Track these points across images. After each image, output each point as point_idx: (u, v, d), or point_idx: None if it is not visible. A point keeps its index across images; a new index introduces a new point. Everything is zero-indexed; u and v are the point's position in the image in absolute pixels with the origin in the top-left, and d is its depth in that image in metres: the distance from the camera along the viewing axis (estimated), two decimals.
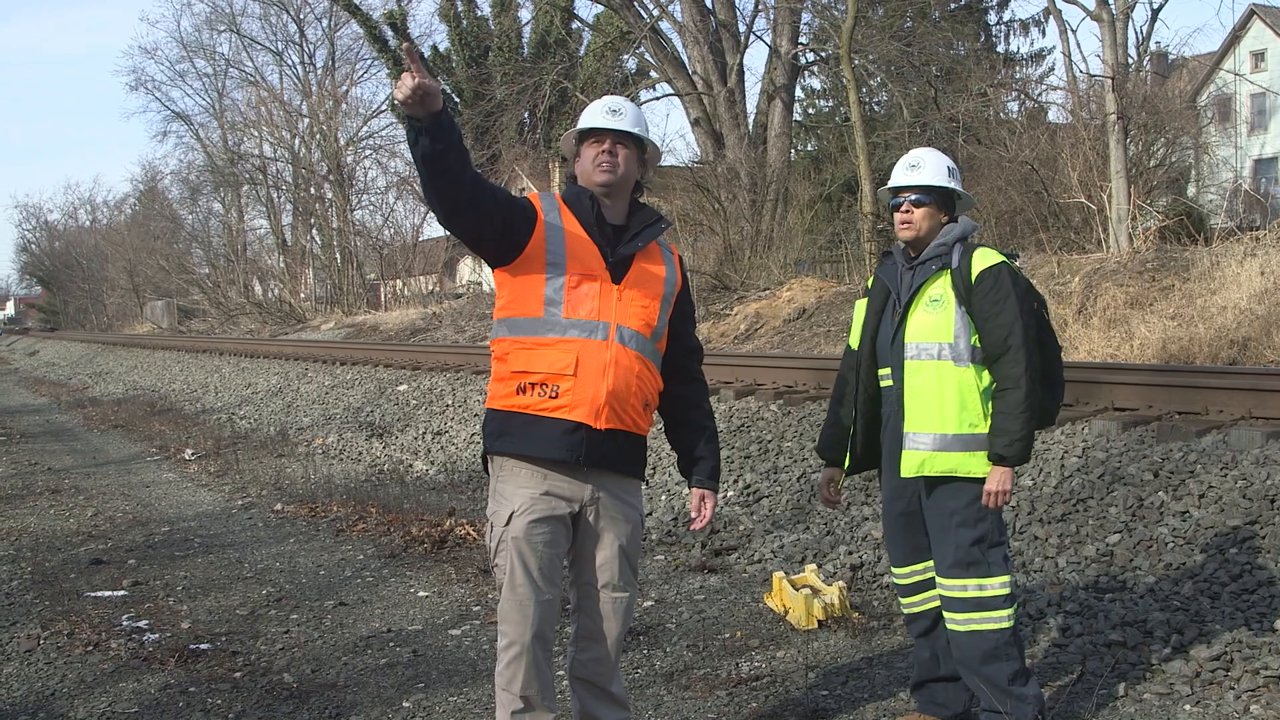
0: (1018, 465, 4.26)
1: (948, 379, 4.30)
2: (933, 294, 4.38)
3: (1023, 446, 4.20)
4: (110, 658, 5.94)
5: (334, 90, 55.52)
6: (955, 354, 4.30)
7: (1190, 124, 26.15)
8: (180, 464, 13.23)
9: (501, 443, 3.89)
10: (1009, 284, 4.28)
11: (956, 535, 4.32)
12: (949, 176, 4.50)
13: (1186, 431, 7.38)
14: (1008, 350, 4.23)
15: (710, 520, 4.17)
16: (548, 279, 3.84)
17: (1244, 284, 13.37)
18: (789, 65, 29.40)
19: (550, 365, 3.80)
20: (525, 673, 3.85)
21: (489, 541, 3.92)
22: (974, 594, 4.29)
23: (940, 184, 4.47)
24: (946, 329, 4.32)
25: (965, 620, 4.30)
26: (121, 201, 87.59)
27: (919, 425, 4.34)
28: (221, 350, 28.66)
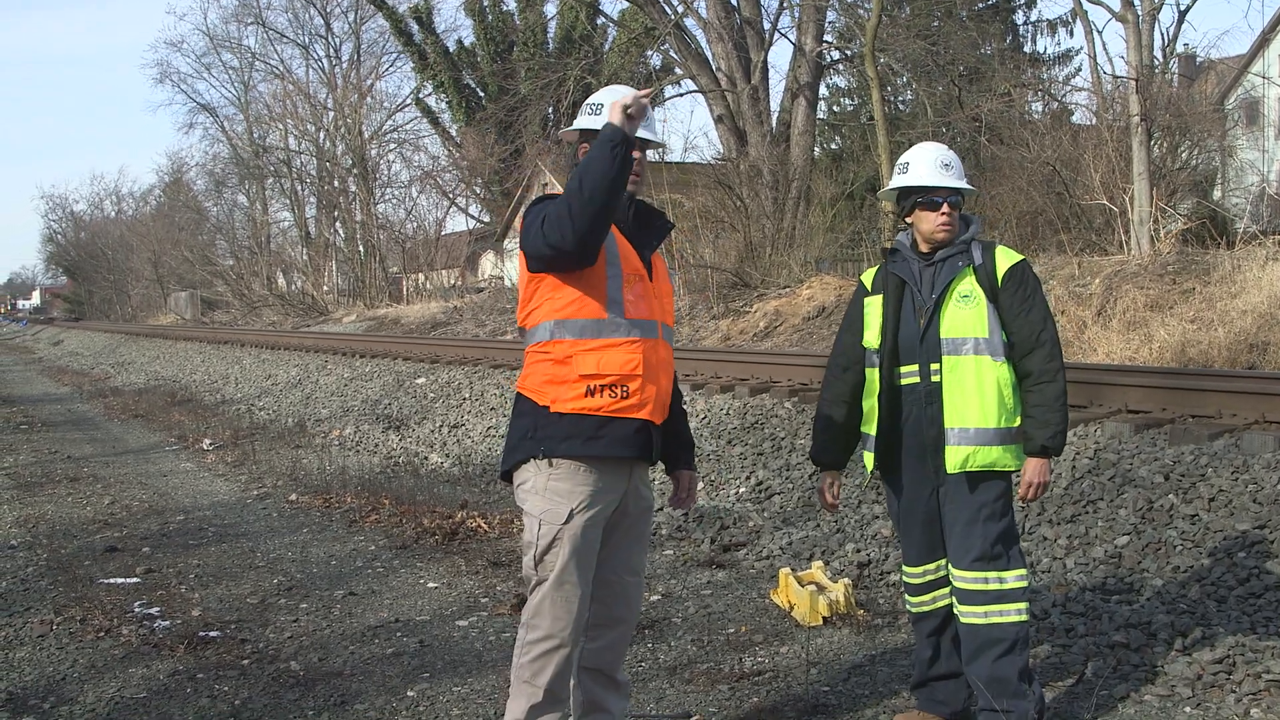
0: (1058, 456, 4.41)
1: (987, 373, 4.34)
2: (963, 290, 4.42)
3: (1064, 438, 4.34)
4: (121, 643, 6.01)
5: (359, 84, 55.74)
6: (992, 349, 4.36)
7: (1216, 127, 26.00)
8: (198, 454, 13.32)
9: (569, 445, 3.86)
10: (1034, 280, 4.43)
11: (984, 529, 4.35)
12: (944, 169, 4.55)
13: (1198, 435, 7.36)
14: (1042, 345, 4.35)
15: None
16: (609, 279, 3.88)
17: (1265, 288, 13.30)
18: (813, 63, 29.34)
19: (621, 367, 3.85)
20: (557, 667, 3.91)
21: (535, 539, 3.90)
22: (995, 587, 4.32)
23: (970, 188, 4.57)
24: (981, 324, 4.37)
25: (985, 613, 4.32)
26: (147, 193, 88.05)
27: (962, 420, 4.36)
28: (243, 342, 28.81)
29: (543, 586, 3.89)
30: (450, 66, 48.33)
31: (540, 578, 3.90)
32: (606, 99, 4.00)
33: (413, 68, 51.02)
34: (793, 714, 4.81)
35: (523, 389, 3.99)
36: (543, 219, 3.71)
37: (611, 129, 3.64)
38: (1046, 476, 4.37)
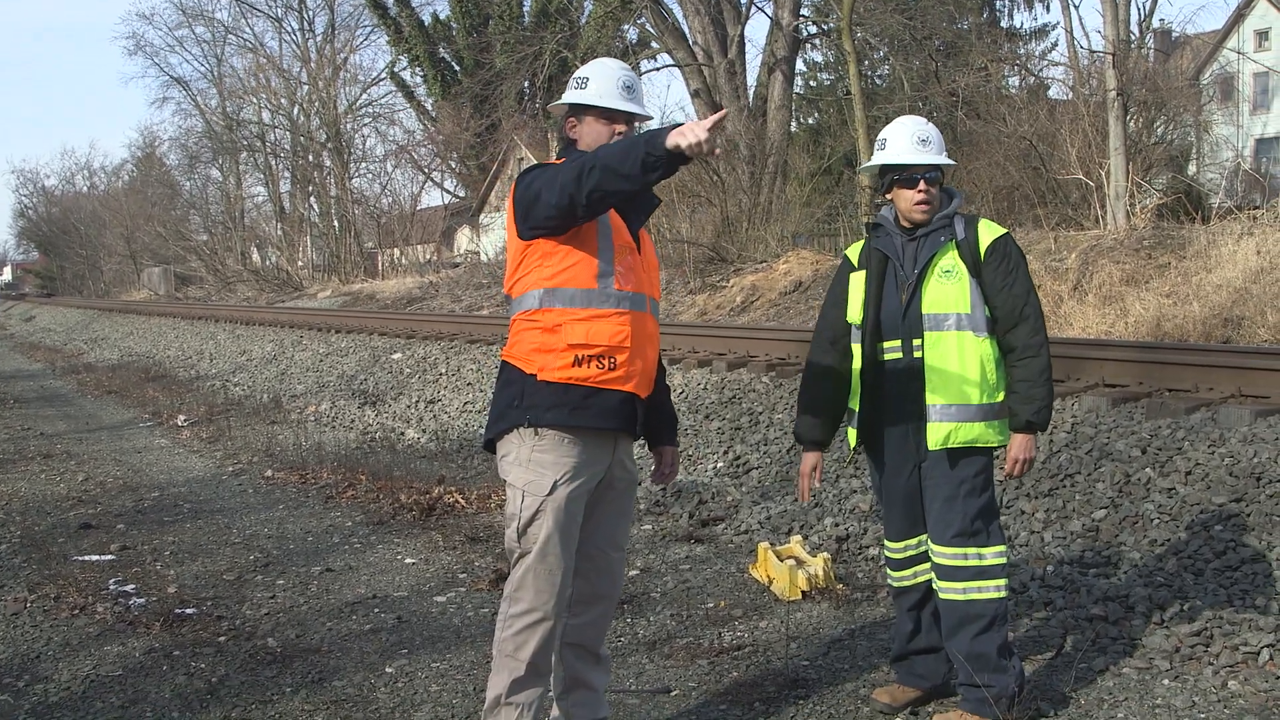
0: (1044, 431, 4.39)
1: (969, 350, 4.31)
2: (944, 265, 4.37)
3: (1049, 413, 4.33)
4: (96, 621, 5.96)
5: (333, 57, 55.30)
6: (974, 324, 4.32)
7: (1191, 102, 26.06)
8: (173, 430, 13.24)
9: (554, 414, 3.82)
10: (1017, 254, 4.39)
11: (965, 504, 4.31)
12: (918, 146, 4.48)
13: (1175, 409, 7.38)
14: (1026, 319, 4.30)
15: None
16: (600, 250, 3.85)
17: (1240, 263, 13.35)
18: (790, 37, 29.29)
19: (609, 338, 3.81)
20: (541, 641, 3.88)
21: (518, 510, 3.87)
22: (974, 563, 4.29)
23: (949, 162, 4.50)
24: (963, 299, 4.32)
25: (964, 589, 4.30)
26: (119, 168, 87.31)
27: (944, 397, 4.33)
28: (217, 317, 28.65)
29: (526, 559, 3.87)
30: (425, 40, 48.04)
31: (523, 550, 3.87)
32: (594, 73, 3.98)
33: (387, 41, 50.73)
34: (773, 688, 4.81)
35: (509, 357, 3.95)
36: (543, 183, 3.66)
37: (662, 148, 3.39)
38: (1032, 452, 4.36)
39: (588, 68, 4.05)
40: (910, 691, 4.60)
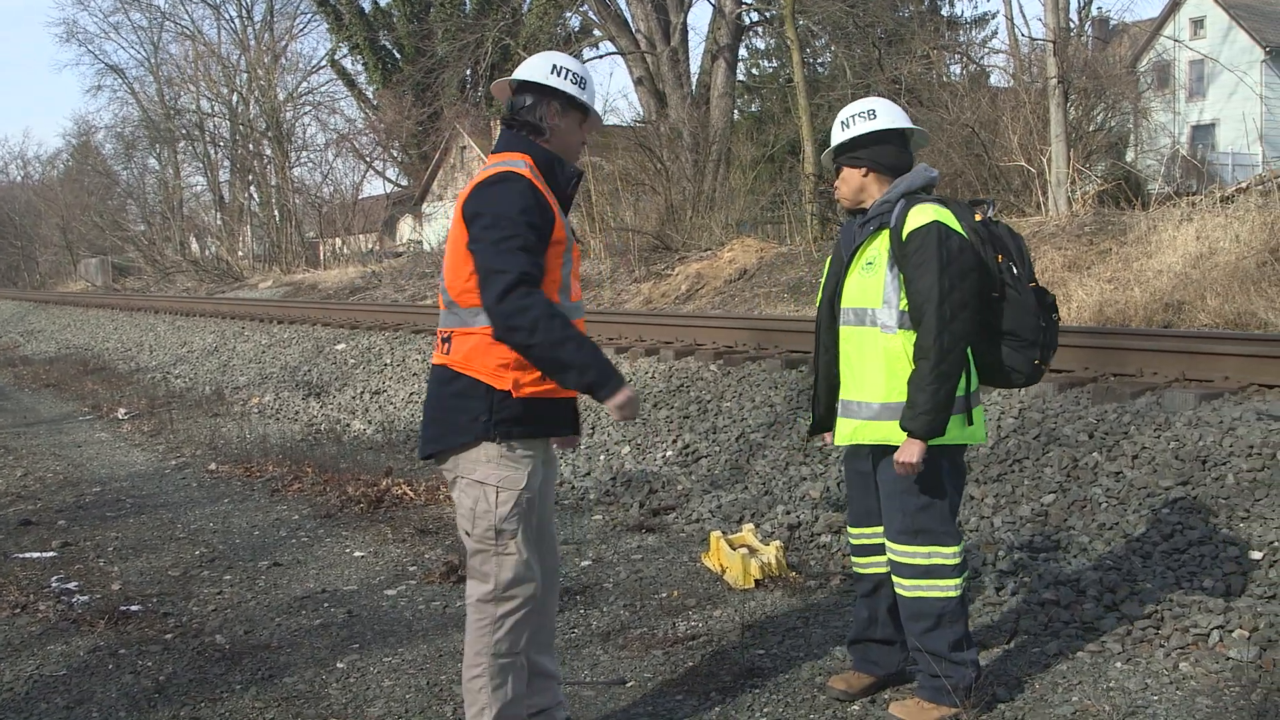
0: (928, 439, 4.06)
1: (873, 346, 4.22)
2: (869, 256, 4.27)
3: (929, 420, 4.03)
4: (38, 620, 5.86)
5: (273, 45, 54.70)
6: (883, 320, 4.20)
7: (1130, 89, 26.32)
8: (113, 423, 13.05)
9: (526, 427, 3.82)
10: (934, 246, 4.06)
11: (902, 503, 4.24)
12: (859, 122, 4.33)
13: (1121, 393, 7.44)
14: (922, 318, 4.07)
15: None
16: (564, 265, 3.85)
17: (1180, 248, 13.50)
18: (733, 25, 29.31)
19: None
20: (530, 630, 3.94)
21: (492, 506, 3.81)
22: (921, 562, 4.22)
23: (854, 135, 4.31)
24: (876, 294, 4.21)
25: (913, 586, 4.25)
26: (54, 157, 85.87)
27: (851, 393, 4.30)
28: (157, 309, 28.28)
29: (510, 556, 3.83)
30: (366, 27, 47.63)
31: (500, 546, 3.83)
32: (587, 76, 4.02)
33: (327, 29, 50.21)
34: (728, 678, 4.79)
35: (470, 370, 3.80)
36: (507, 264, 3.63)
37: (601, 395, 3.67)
38: (914, 458, 4.08)
39: (576, 64, 4.03)
40: (865, 678, 4.60)
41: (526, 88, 3.99)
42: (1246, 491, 5.87)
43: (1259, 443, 6.23)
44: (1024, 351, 4.16)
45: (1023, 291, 4.13)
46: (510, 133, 4.01)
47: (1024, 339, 4.14)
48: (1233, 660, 4.59)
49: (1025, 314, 4.13)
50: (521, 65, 4.06)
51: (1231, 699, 4.33)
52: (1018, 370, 4.21)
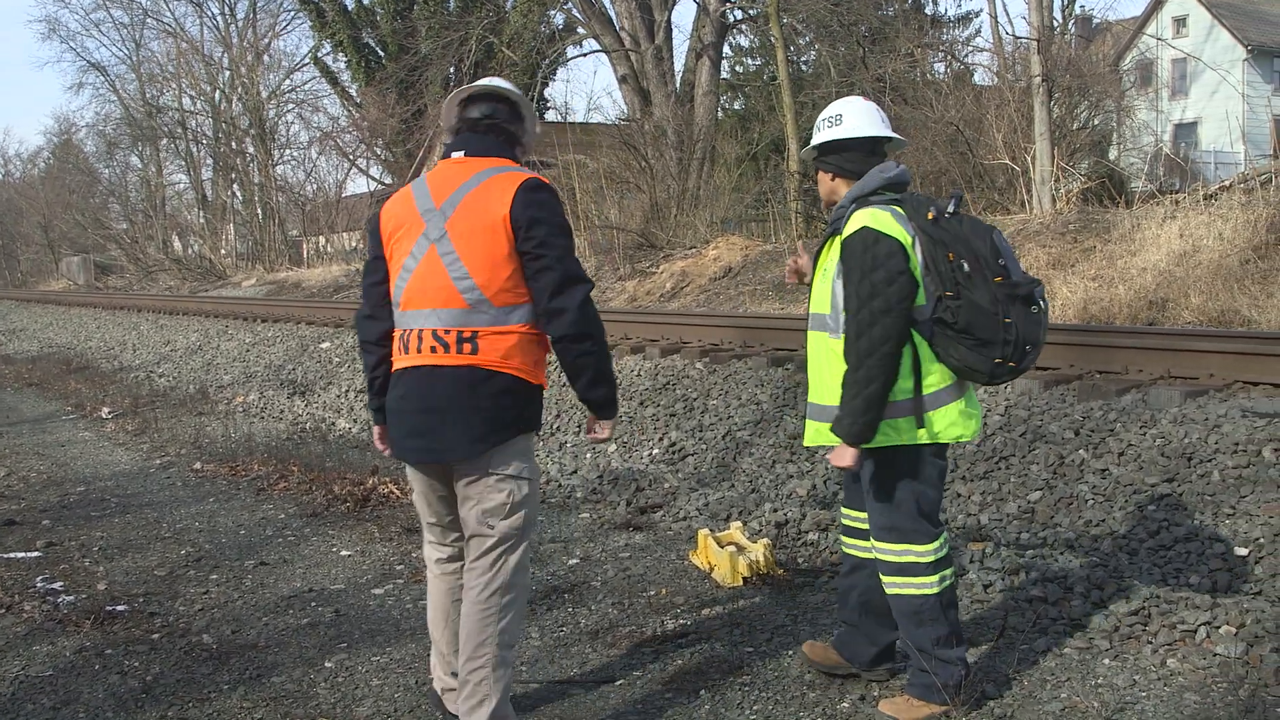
0: (853, 443, 4.13)
1: (826, 351, 4.27)
2: (824, 262, 4.31)
3: (848, 425, 4.11)
4: (24, 620, 5.83)
5: (255, 42, 54.52)
6: (830, 325, 4.25)
7: (1113, 87, 26.40)
8: (97, 423, 13.00)
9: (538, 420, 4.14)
10: (858, 252, 4.10)
11: (871, 503, 4.29)
12: (825, 129, 4.39)
13: (1107, 390, 7.46)
14: (849, 324, 4.12)
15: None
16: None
17: (1164, 246, 13.55)
18: (717, 23, 29.31)
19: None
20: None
21: (526, 498, 4.03)
22: (896, 559, 4.24)
23: (819, 142, 4.38)
24: (825, 299, 4.26)
25: (891, 583, 4.27)
26: (35, 155, 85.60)
27: (814, 396, 4.35)
28: (140, 307, 28.19)
29: (525, 545, 4.05)
30: (349, 25, 47.41)
31: (524, 535, 4.04)
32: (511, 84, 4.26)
33: (310, 26, 49.94)
34: (717, 675, 4.79)
35: (510, 369, 3.96)
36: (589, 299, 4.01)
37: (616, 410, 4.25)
38: (840, 461, 4.18)
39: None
40: (833, 656, 4.65)
41: (502, 99, 4.18)
42: (1232, 488, 5.89)
43: (1244, 439, 6.25)
44: (980, 350, 4.08)
45: (975, 289, 4.04)
46: (488, 138, 4.15)
47: (978, 338, 4.06)
48: (1220, 656, 4.61)
49: (978, 312, 4.04)
50: (489, 81, 4.22)
51: (1219, 695, 4.34)
52: (976, 369, 4.13)
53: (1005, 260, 4.08)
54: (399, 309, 4.12)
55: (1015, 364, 4.10)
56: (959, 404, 4.21)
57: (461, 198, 4.00)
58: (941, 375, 4.19)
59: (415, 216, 4.08)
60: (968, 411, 4.25)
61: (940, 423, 4.19)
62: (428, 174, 4.18)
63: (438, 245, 4.00)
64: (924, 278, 4.10)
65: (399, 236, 4.12)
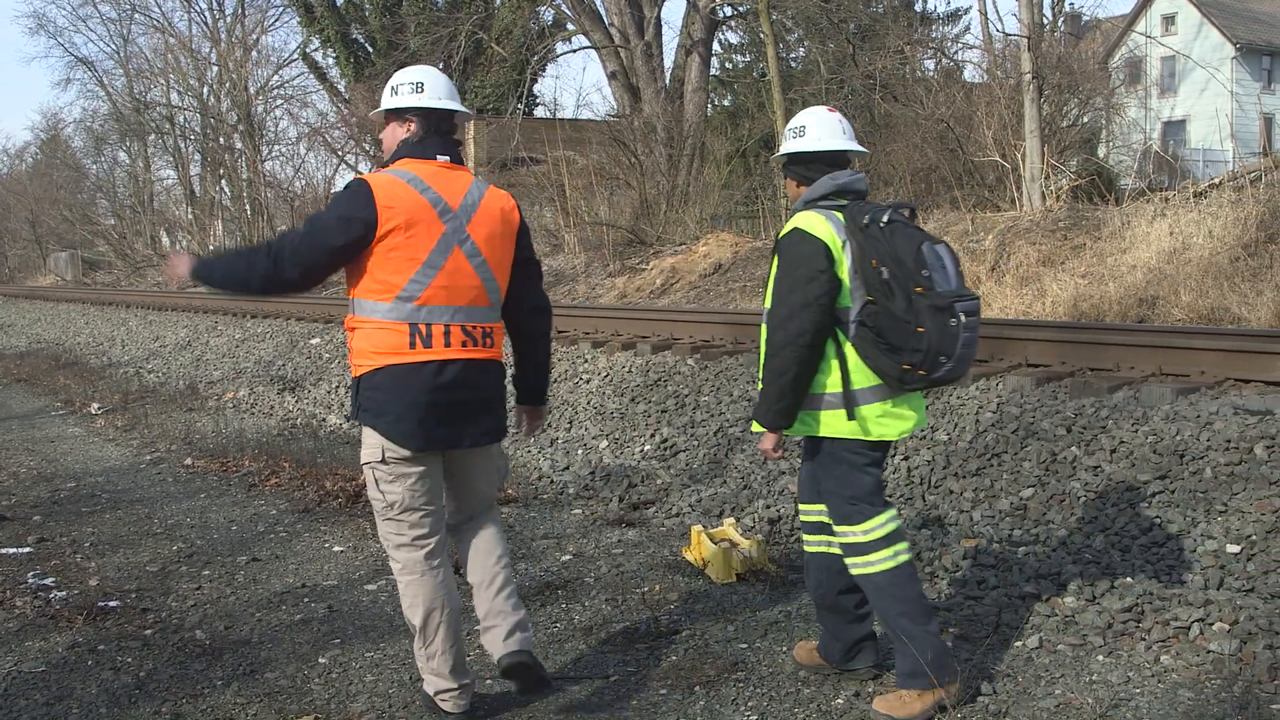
0: (769, 429, 4.38)
1: (764, 344, 4.43)
2: (774, 264, 4.47)
3: (763, 413, 4.37)
4: (16, 616, 5.81)
5: (244, 38, 54.38)
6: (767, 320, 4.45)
7: (1102, 85, 26.45)
8: (86, 418, 12.96)
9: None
10: (785, 251, 4.34)
11: (822, 491, 4.52)
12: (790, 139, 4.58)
13: (1098, 387, 7.48)
14: (767, 317, 4.37)
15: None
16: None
17: (1154, 243, 13.58)
18: (707, 19, 29.29)
19: None
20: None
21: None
22: (848, 540, 4.37)
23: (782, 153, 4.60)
24: (768, 297, 4.43)
25: (853, 564, 4.38)
26: (22, 150, 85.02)
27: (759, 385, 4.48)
28: (128, 303, 28.10)
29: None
30: (338, 21, 47.30)
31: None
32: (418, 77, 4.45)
33: (299, 22, 49.84)
34: (712, 671, 4.80)
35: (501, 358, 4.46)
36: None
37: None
38: (763, 445, 4.45)
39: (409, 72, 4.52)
40: (816, 656, 4.75)
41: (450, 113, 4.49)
42: (1224, 485, 5.91)
43: (1236, 436, 6.27)
44: (890, 355, 4.21)
45: (892, 297, 4.17)
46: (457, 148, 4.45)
47: (889, 343, 4.20)
48: (1213, 653, 4.62)
49: (891, 319, 4.17)
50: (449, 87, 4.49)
51: (1213, 691, 4.36)
52: (887, 374, 4.25)
53: (931, 272, 4.16)
54: (410, 303, 4.17)
55: (927, 373, 4.20)
56: (884, 404, 4.34)
57: (478, 204, 4.29)
58: (866, 375, 4.33)
59: (432, 215, 4.18)
60: (894, 412, 4.37)
61: (869, 418, 4.34)
62: (422, 172, 4.26)
63: (462, 247, 4.23)
64: (851, 281, 4.26)
65: (410, 231, 4.16)
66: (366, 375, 4.23)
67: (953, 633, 5.10)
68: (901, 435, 4.40)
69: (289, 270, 4.20)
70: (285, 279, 4.24)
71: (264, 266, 4.23)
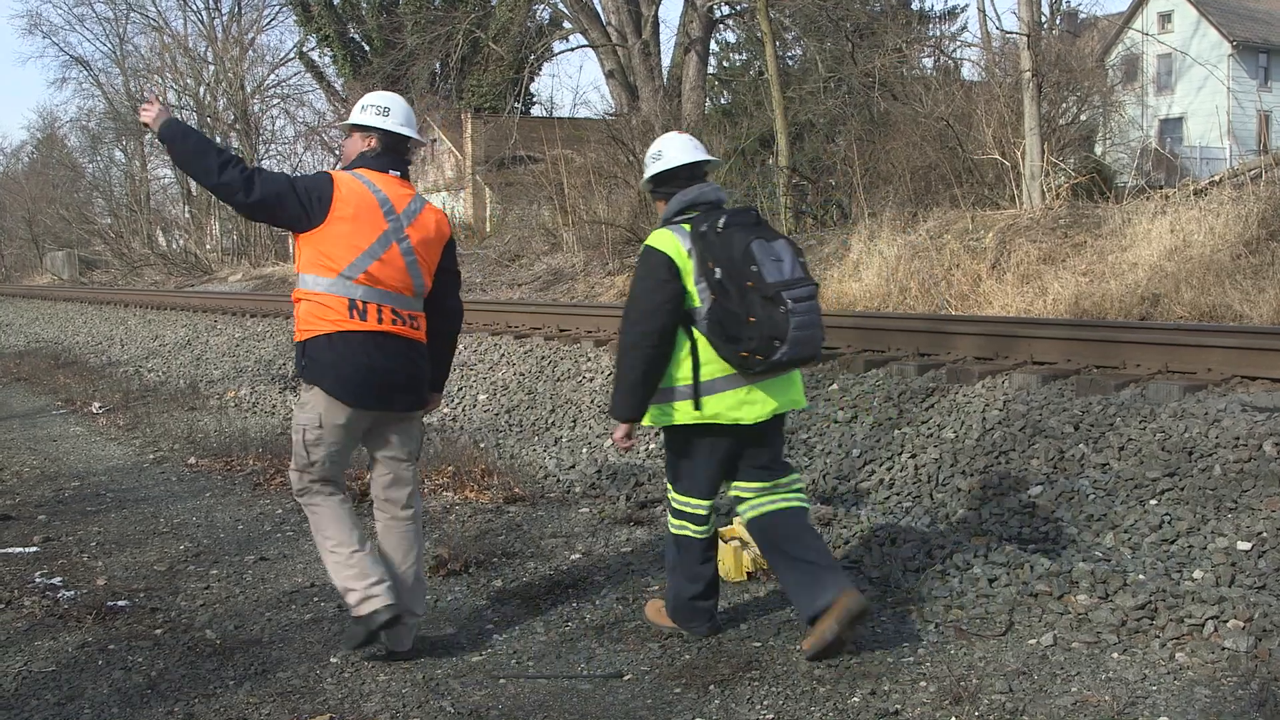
0: (619, 419, 5.02)
1: None
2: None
3: (614, 403, 5.02)
4: (24, 615, 5.79)
5: (240, 37, 54.37)
6: None
7: (1100, 82, 26.46)
8: (88, 417, 12.94)
9: None
10: (639, 264, 4.94)
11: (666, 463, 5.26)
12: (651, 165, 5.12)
13: (1105, 385, 7.47)
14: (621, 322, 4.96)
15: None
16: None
17: (1155, 241, 13.58)
18: (704, 18, 29.29)
19: None
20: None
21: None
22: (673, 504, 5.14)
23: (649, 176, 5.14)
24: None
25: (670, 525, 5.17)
26: (18, 150, 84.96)
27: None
28: (126, 302, 28.05)
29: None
30: (334, 20, 47.29)
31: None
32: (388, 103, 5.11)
33: (295, 21, 49.85)
34: (726, 670, 4.79)
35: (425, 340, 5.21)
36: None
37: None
38: (617, 436, 5.08)
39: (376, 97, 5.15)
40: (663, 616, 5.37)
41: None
42: (1234, 482, 5.91)
43: (1244, 434, 6.26)
44: (729, 345, 4.72)
45: (727, 294, 4.70)
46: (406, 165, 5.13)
47: (728, 334, 4.71)
48: (1228, 650, 4.62)
49: (726, 313, 4.71)
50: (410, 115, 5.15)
51: (1230, 688, 4.36)
52: (730, 361, 4.77)
53: (760, 267, 4.68)
54: (349, 281, 4.81)
55: (764, 357, 4.69)
56: (739, 391, 4.85)
57: (418, 213, 5.01)
58: (721, 365, 4.82)
59: (378, 213, 4.89)
60: (748, 399, 4.86)
61: (716, 406, 4.84)
62: (375, 180, 4.96)
63: (399, 245, 4.92)
64: (698, 284, 4.79)
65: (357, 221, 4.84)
66: (311, 340, 4.86)
67: (964, 630, 5.11)
68: (761, 418, 4.87)
69: (255, 189, 4.77)
70: (242, 189, 4.77)
71: (234, 171, 4.79)
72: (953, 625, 5.18)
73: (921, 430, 7.70)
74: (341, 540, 4.99)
